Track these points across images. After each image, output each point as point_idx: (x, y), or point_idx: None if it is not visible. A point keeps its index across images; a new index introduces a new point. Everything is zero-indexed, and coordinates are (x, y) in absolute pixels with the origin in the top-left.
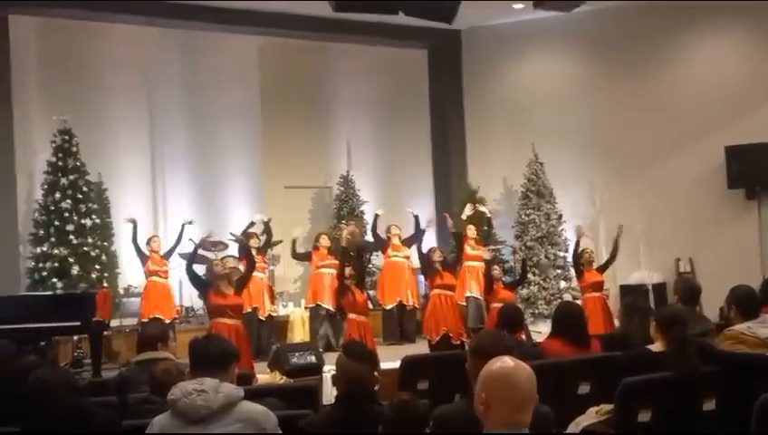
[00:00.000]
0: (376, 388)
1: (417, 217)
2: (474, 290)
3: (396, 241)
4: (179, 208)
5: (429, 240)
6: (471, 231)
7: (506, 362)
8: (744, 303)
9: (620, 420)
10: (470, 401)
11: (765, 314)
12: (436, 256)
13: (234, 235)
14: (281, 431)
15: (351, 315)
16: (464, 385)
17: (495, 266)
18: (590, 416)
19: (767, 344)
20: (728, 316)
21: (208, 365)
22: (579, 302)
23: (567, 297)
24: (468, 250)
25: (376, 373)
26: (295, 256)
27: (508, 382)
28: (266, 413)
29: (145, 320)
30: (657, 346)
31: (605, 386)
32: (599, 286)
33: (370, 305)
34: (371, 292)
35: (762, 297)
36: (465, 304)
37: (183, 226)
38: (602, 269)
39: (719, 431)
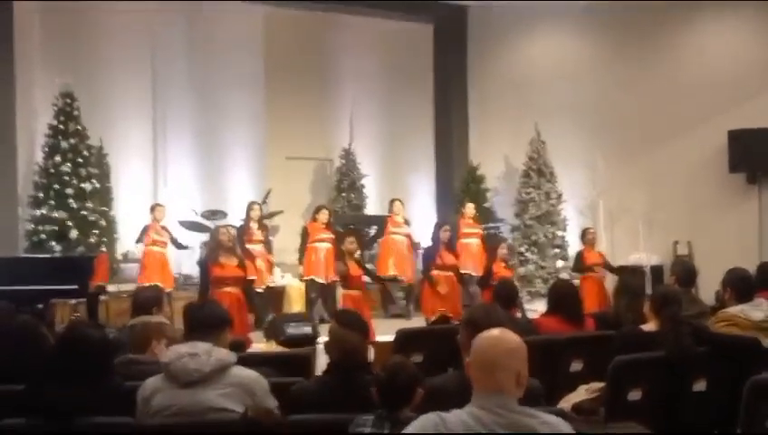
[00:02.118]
0: (371, 359)
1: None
2: (468, 267)
3: (397, 218)
4: (180, 176)
5: (430, 216)
6: (469, 209)
7: (493, 331)
8: (739, 285)
9: (610, 398)
10: (463, 372)
11: (759, 297)
12: (445, 237)
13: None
14: (272, 397)
15: (344, 291)
16: (457, 358)
17: (503, 245)
18: (581, 393)
19: (760, 328)
20: (723, 298)
21: (202, 330)
22: (576, 281)
23: (564, 276)
24: (464, 228)
25: (371, 345)
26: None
27: (478, 345)
28: (258, 378)
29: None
30: (650, 326)
31: (597, 364)
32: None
33: (367, 278)
34: (369, 265)
35: (757, 281)
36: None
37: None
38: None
39: (709, 412)
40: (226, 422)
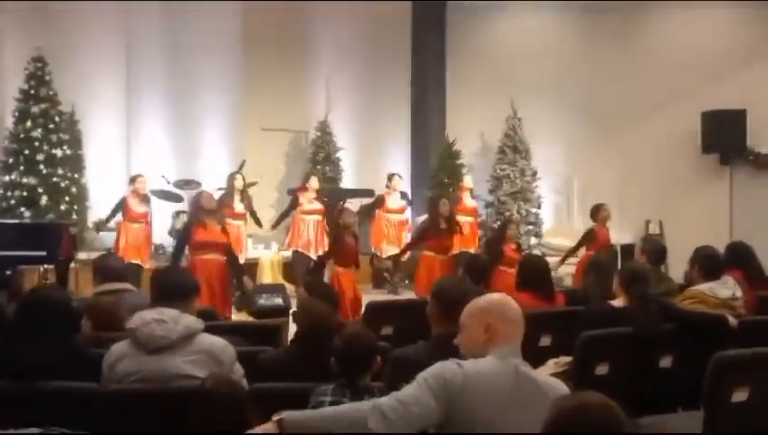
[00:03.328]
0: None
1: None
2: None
3: (395, 195)
4: (154, 145)
5: (405, 191)
6: (468, 181)
7: (488, 295)
8: (707, 264)
9: (578, 372)
10: (432, 344)
11: (728, 276)
12: (444, 211)
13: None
14: (239, 365)
15: (338, 268)
16: (428, 331)
17: (512, 225)
18: (549, 367)
19: (727, 305)
20: (690, 276)
21: (169, 297)
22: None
23: (536, 253)
24: (466, 202)
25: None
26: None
27: (503, 303)
28: (225, 346)
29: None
30: (618, 302)
31: (566, 339)
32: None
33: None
34: None
35: (726, 260)
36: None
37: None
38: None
39: (674, 388)
40: (187, 390)
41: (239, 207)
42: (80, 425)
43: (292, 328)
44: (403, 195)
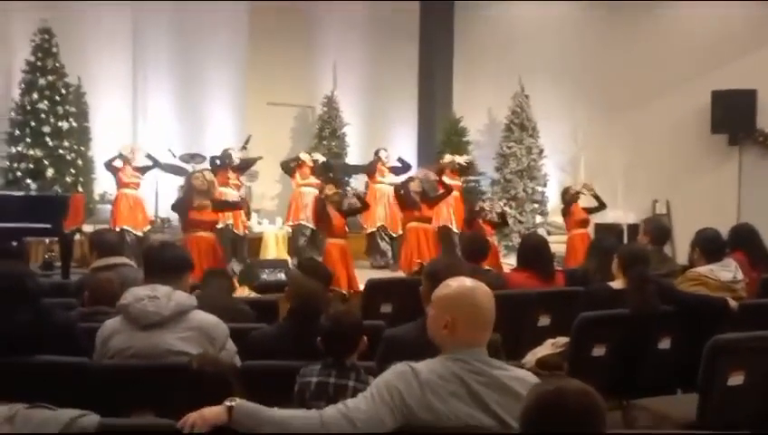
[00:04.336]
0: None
1: (401, 159)
2: (444, 219)
3: (384, 168)
4: (160, 118)
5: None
6: (447, 159)
7: (464, 281)
8: (709, 246)
9: (574, 353)
10: (424, 324)
11: (730, 258)
12: (414, 187)
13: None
14: (231, 342)
15: (329, 239)
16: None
17: (482, 208)
18: (547, 347)
19: (728, 288)
20: (692, 258)
21: (162, 272)
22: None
23: (541, 232)
24: (444, 179)
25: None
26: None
27: (473, 302)
28: (217, 323)
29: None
30: (618, 283)
31: (564, 319)
32: (585, 223)
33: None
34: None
35: (729, 242)
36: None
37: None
38: (590, 211)
39: (673, 370)
40: (176, 366)
41: (233, 177)
42: (70, 400)
43: None
44: (391, 169)
